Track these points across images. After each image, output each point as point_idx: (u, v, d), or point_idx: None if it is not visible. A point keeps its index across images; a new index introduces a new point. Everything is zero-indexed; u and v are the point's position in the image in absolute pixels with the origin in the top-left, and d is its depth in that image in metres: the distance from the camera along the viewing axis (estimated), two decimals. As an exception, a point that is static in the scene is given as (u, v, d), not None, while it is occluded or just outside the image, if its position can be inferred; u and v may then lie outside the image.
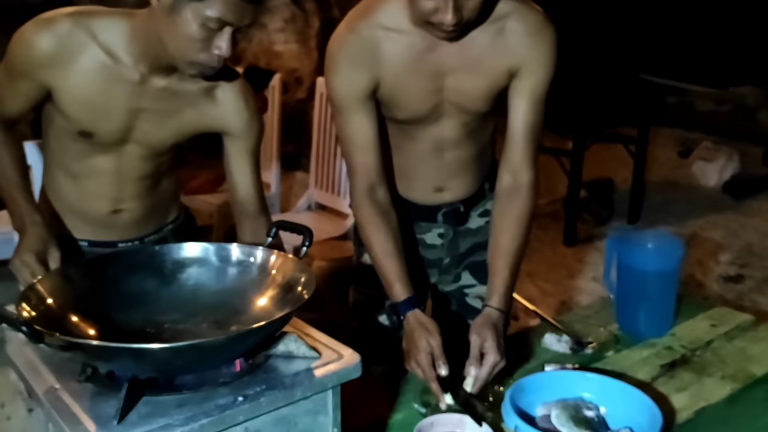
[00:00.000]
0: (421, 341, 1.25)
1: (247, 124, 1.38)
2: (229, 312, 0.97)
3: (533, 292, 3.28)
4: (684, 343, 1.56)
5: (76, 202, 1.39)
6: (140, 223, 1.44)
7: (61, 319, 0.86)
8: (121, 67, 1.23)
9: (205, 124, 1.34)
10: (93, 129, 1.27)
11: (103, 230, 1.41)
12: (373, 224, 1.37)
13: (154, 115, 1.29)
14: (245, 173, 1.43)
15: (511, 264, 1.35)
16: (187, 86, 1.28)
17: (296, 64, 4.68)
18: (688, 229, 4.13)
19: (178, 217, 1.53)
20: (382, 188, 1.39)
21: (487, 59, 1.32)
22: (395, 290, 1.33)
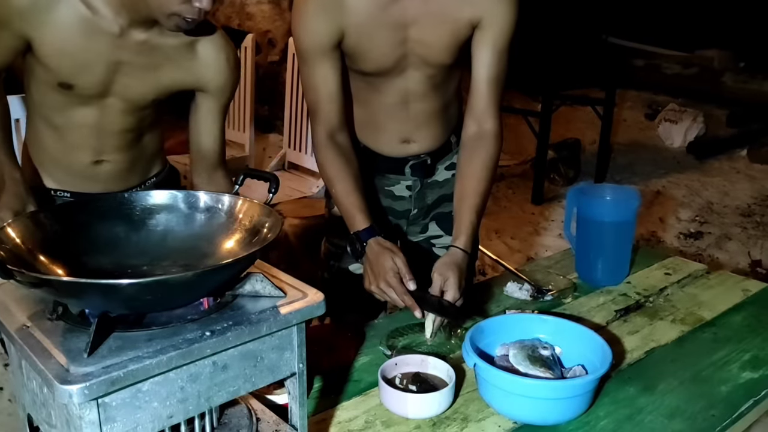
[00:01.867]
0: (387, 261, 1.30)
1: (226, 82, 1.39)
2: (198, 256, 0.99)
3: (501, 248, 3.36)
4: (639, 290, 1.64)
5: (59, 153, 1.39)
6: (123, 175, 1.44)
7: (31, 260, 0.88)
8: (100, 19, 1.23)
9: (184, 80, 1.35)
10: (73, 81, 1.27)
11: (86, 182, 1.41)
12: (333, 164, 1.41)
13: (134, 69, 1.29)
14: (213, 128, 1.44)
15: (476, 207, 1.40)
16: (168, 41, 1.29)
17: (269, 26, 4.63)
18: (651, 188, 4.23)
19: (162, 170, 1.53)
20: (342, 134, 1.43)
21: (450, 10, 1.35)
22: (357, 220, 1.38)
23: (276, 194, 1.08)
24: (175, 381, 0.82)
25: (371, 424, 1.13)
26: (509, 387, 1.12)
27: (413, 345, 1.35)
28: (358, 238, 1.37)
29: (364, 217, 1.38)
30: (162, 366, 0.79)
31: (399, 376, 1.21)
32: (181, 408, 0.84)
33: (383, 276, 1.30)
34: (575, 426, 1.13)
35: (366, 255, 1.36)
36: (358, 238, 1.37)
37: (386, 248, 1.33)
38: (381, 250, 1.33)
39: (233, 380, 0.88)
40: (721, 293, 1.62)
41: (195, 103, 1.43)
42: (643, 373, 1.29)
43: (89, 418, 0.76)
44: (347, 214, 1.40)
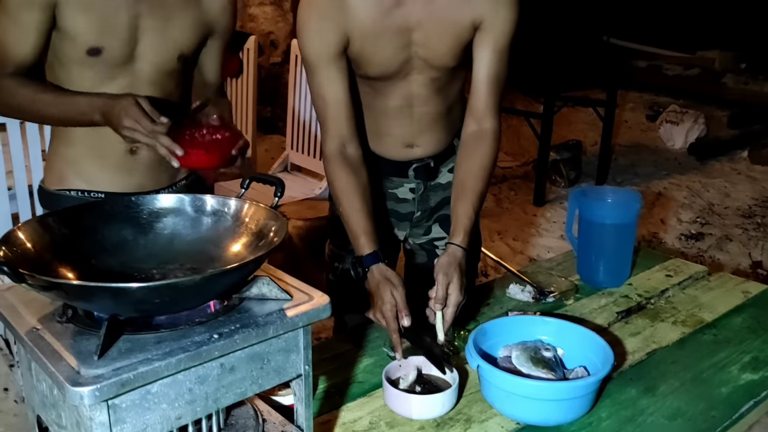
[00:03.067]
0: (385, 293, 1.30)
1: (229, 20, 1.46)
2: (205, 259, 1.01)
3: (503, 249, 3.37)
4: (640, 292, 1.65)
5: (92, 143, 1.39)
6: (156, 168, 1.43)
7: (41, 263, 0.90)
8: None
9: (196, 28, 1.40)
10: (101, 43, 1.29)
11: (121, 176, 1.41)
12: (342, 180, 1.41)
13: (153, 23, 1.33)
14: (217, 64, 1.52)
15: (475, 204, 1.41)
16: None
17: (271, 27, 4.65)
18: (653, 189, 4.24)
19: (190, 174, 1.54)
20: (353, 145, 1.43)
21: (452, 13, 1.36)
22: (360, 243, 1.38)
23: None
24: (184, 383, 0.83)
25: (375, 425, 1.15)
26: (512, 388, 1.13)
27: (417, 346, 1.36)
28: (361, 263, 1.38)
29: (368, 241, 1.37)
30: (171, 368, 0.80)
31: (403, 378, 1.23)
32: (189, 409, 0.85)
33: (380, 307, 1.31)
34: (577, 427, 1.14)
35: (368, 280, 1.36)
36: (360, 262, 1.38)
37: (387, 279, 1.32)
38: (382, 281, 1.32)
39: (240, 382, 0.89)
40: (721, 295, 1.64)
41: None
42: (644, 374, 1.31)
43: (99, 419, 0.77)
44: (352, 235, 1.40)
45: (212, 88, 1.54)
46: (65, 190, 1.42)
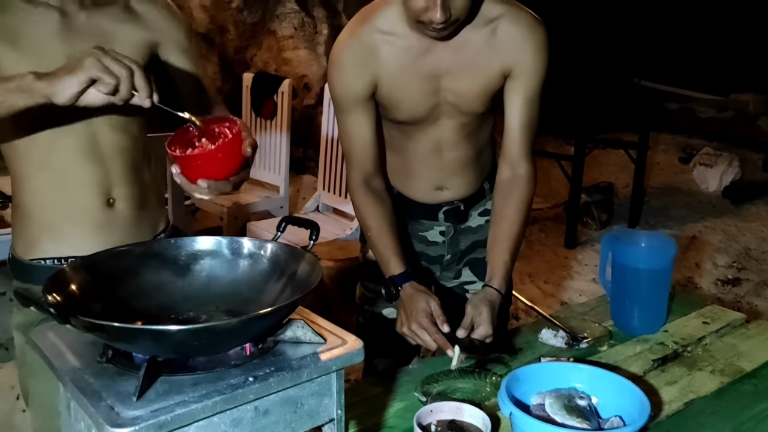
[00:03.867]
0: (421, 303, 1.32)
1: (180, 30, 1.36)
2: (240, 301, 1.02)
3: (534, 292, 3.34)
4: (676, 339, 1.62)
5: (64, 202, 1.26)
6: (134, 222, 1.34)
7: (83, 305, 0.92)
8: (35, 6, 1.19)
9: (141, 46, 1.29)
10: None
11: (99, 236, 1.28)
12: (368, 206, 1.45)
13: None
14: (195, 79, 1.38)
15: (511, 249, 1.42)
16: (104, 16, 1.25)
17: (305, 71, 4.75)
18: (687, 233, 4.18)
19: (167, 227, 1.46)
20: (377, 179, 1.47)
21: (481, 60, 1.39)
22: (392, 264, 1.40)
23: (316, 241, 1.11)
24: (219, 425, 0.84)
25: (407, 471, 1.13)
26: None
27: (448, 391, 1.35)
28: (393, 281, 1.39)
29: (398, 261, 1.40)
30: (207, 411, 0.81)
31: (434, 423, 1.21)
32: (223, 452, 0.85)
33: (416, 317, 1.31)
34: (613, 479, 1.12)
35: (400, 298, 1.37)
36: (393, 281, 1.40)
37: (421, 291, 1.35)
38: (415, 293, 1.35)
39: (274, 425, 0.89)
40: (760, 343, 1.60)
41: (166, 71, 1.37)
42: (682, 425, 1.27)
43: (137, 460, 0.78)
44: (382, 258, 1.42)
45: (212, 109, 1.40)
46: (39, 260, 1.28)
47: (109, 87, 0.93)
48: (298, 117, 4.53)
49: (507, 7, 1.38)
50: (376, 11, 1.39)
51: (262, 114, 3.65)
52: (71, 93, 0.95)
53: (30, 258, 1.28)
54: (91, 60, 0.93)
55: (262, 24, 4.72)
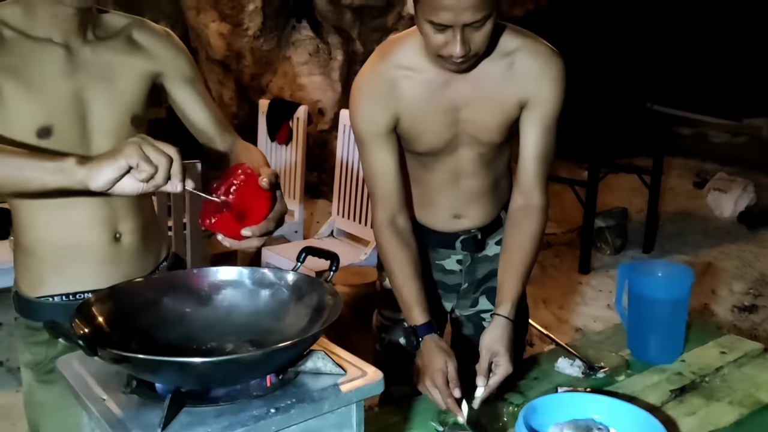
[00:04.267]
0: (439, 362, 1.32)
1: (185, 61, 1.36)
2: (261, 332, 1.04)
3: (548, 318, 3.32)
4: (694, 369, 1.61)
5: (69, 240, 1.25)
6: (140, 254, 1.33)
7: (109, 336, 0.94)
8: (39, 43, 1.19)
9: (144, 77, 1.30)
10: (49, 121, 1.18)
11: (106, 270, 1.28)
12: (394, 250, 1.45)
13: (99, 89, 1.24)
14: (206, 109, 1.38)
15: (521, 277, 1.43)
16: (107, 49, 1.26)
17: (319, 96, 4.80)
18: (702, 259, 4.15)
19: (169, 254, 1.45)
20: (402, 216, 1.47)
21: (499, 92, 1.41)
22: (414, 314, 1.40)
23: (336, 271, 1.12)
24: (241, 457, 0.85)
25: (425, 503, 1.13)
26: (564, 470, 1.11)
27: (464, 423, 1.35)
28: (415, 332, 1.40)
29: (422, 311, 1.40)
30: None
31: (452, 454, 1.21)
32: (245, 484, 0.86)
33: (431, 375, 1.32)
34: None
35: (420, 350, 1.38)
36: (414, 332, 1.40)
37: (441, 349, 1.35)
38: (435, 349, 1.35)
39: (295, 456, 0.90)
40: (779, 374, 1.58)
41: (169, 96, 1.38)
42: (701, 458, 1.27)
43: (161, 491, 0.79)
44: (405, 305, 1.43)
45: (222, 136, 1.40)
46: (46, 297, 1.27)
47: (146, 176, 0.94)
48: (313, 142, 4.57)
49: (524, 39, 1.41)
50: (395, 47, 1.41)
51: (278, 139, 3.69)
52: (108, 179, 0.95)
53: (36, 296, 1.27)
54: (132, 148, 0.94)
55: (277, 50, 4.79)
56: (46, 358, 1.26)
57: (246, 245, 1.06)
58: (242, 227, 1.03)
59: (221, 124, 1.40)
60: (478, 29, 1.25)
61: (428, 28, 1.26)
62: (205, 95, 1.40)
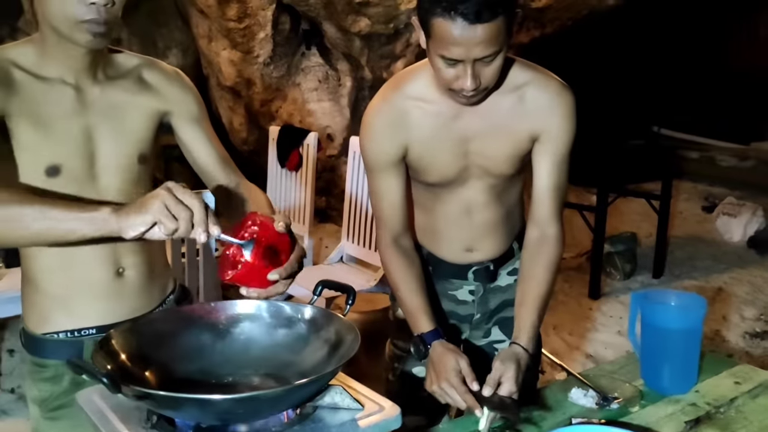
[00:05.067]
0: (450, 361, 1.33)
1: (194, 101, 1.38)
2: (279, 365, 1.05)
3: (559, 344, 3.31)
4: (708, 400, 1.60)
5: (74, 276, 1.26)
6: (144, 288, 1.34)
7: (130, 371, 0.95)
8: (50, 84, 1.21)
9: (152, 116, 1.32)
10: (58, 160, 1.20)
11: (112, 305, 1.29)
12: (398, 265, 1.48)
13: (108, 128, 1.26)
14: (212, 148, 1.39)
15: (538, 308, 1.44)
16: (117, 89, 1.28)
17: (328, 122, 4.84)
18: (712, 284, 4.14)
19: (176, 287, 1.45)
20: (406, 237, 1.51)
21: (509, 125, 1.42)
22: (421, 322, 1.42)
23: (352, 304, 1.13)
24: (261, 494, 0.86)
25: None
26: (581, 504, 1.11)
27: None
28: (422, 340, 1.41)
29: (428, 319, 1.42)
30: (251, 479, 0.82)
31: (468, 488, 1.21)
32: None
33: (445, 376, 1.32)
34: None
35: (430, 356, 1.39)
36: (422, 339, 1.41)
37: (450, 350, 1.36)
38: (444, 351, 1.36)
39: (313, 492, 0.91)
40: (795, 405, 1.57)
41: (176, 135, 1.39)
42: (718, 492, 1.26)
43: None
44: (411, 316, 1.44)
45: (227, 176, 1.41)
46: (52, 334, 1.27)
47: (169, 231, 0.97)
48: (321, 167, 4.60)
49: (534, 73, 1.43)
50: (406, 78, 1.44)
51: (288, 166, 3.72)
52: (138, 232, 0.98)
53: (43, 332, 1.27)
54: (156, 203, 0.96)
55: (287, 77, 4.84)
56: (52, 395, 1.26)
57: (273, 291, 1.06)
58: (267, 272, 1.03)
59: (225, 164, 1.42)
60: (488, 64, 1.28)
61: (440, 63, 1.29)
62: (211, 135, 1.41)
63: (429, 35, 1.28)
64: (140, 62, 1.34)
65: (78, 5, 1.12)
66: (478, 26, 1.20)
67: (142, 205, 0.98)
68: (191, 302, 1.49)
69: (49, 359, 1.26)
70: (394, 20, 4.38)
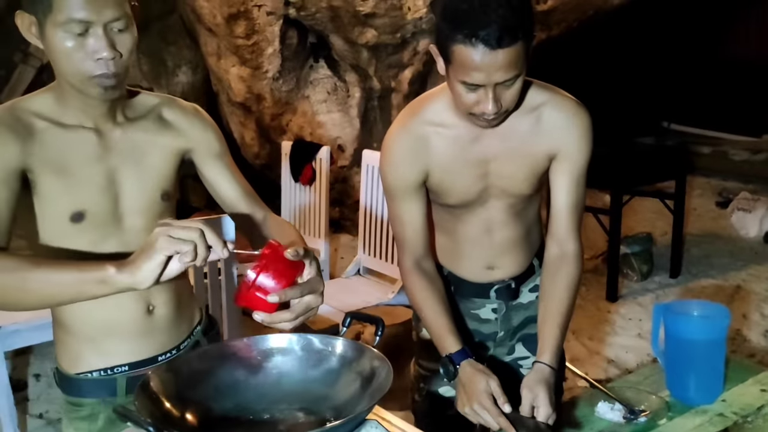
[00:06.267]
0: (481, 383, 1.33)
1: (214, 138, 1.38)
2: (313, 399, 1.06)
3: (579, 350, 3.31)
4: (735, 409, 1.60)
5: (104, 316, 1.26)
6: (173, 322, 1.35)
7: (171, 413, 0.97)
8: (71, 130, 1.21)
9: (174, 154, 1.33)
10: (82, 206, 1.20)
11: (142, 342, 1.31)
12: (421, 289, 1.49)
13: (131, 170, 1.27)
14: (235, 182, 1.40)
15: (561, 325, 1.45)
16: (138, 130, 1.28)
17: (338, 133, 4.86)
18: (731, 282, 4.12)
19: (202, 317, 1.46)
20: (427, 260, 1.52)
21: (527, 145, 1.44)
22: (448, 343, 1.43)
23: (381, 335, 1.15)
24: None
25: None
26: None
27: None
28: (451, 360, 1.42)
29: (455, 340, 1.43)
30: None
31: None
32: None
33: (477, 398, 1.33)
34: None
35: (459, 377, 1.40)
36: (450, 360, 1.42)
37: (480, 371, 1.37)
38: (474, 372, 1.37)
39: None
40: (823, 412, 1.57)
41: (199, 172, 1.40)
42: (751, 505, 1.26)
43: None
44: (438, 338, 1.45)
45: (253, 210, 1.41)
46: (85, 373, 1.29)
47: (190, 256, 0.96)
48: (333, 178, 4.62)
49: (550, 94, 1.44)
50: (424, 104, 1.46)
51: (301, 180, 3.74)
52: (153, 277, 0.98)
53: (76, 372, 1.29)
54: (162, 240, 0.96)
55: (296, 91, 4.87)
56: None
57: (278, 319, 1.04)
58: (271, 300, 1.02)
59: (251, 198, 1.42)
60: (509, 87, 1.29)
61: (460, 88, 1.30)
62: (234, 169, 1.42)
63: (449, 61, 1.29)
64: (159, 101, 1.35)
65: (86, 62, 1.13)
66: (499, 51, 1.22)
67: (146, 249, 0.97)
68: (218, 331, 1.51)
69: (84, 398, 1.28)
70: (401, 30, 4.40)
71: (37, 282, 1.05)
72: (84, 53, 1.12)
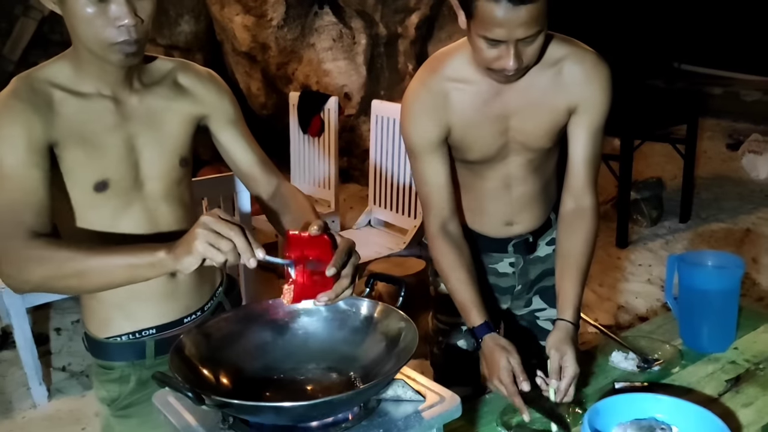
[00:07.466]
0: (501, 360, 1.36)
1: (230, 104, 1.38)
2: (339, 358, 1.09)
3: (590, 296, 3.35)
4: (747, 357, 1.64)
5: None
6: (196, 285, 1.37)
7: (205, 375, 1.00)
8: (89, 99, 1.21)
9: (190, 120, 1.33)
10: (105, 175, 1.21)
11: (167, 305, 1.33)
12: (447, 257, 1.49)
13: (150, 137, 1.27)
14: (249, 147, 1.41)
15: (579, 281, 1.47)
16: (154, 96, 1.28)
17: (345, 81, 4.81)
18: (740, 225, 4.13)
19: (223, 278, 1.48)
20: (453, 223, 1.51)
21: (548, 99, 1.43)
22: (472, 316, 1.45)
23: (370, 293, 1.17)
24: (336, 489, 0.91)
25: None
26: (633, 473, 1.16)
27: (528, 423, 1.40)
28: (474, 334, 1.45)
29: (479, 313, 1.44)
30: (328, 477, 0.88)
31: (521, 459, 1.27)
32: None
33: (497, 374, 1.36)
34: None
35: (482, 350, 1.43)
36: (473, 334, 1.45)
37: (501, 346, 1.39)
38: (495, 348, 1.38)
39: (383, 482, 0.96)
40: (834, 358, 1.60)
41: (213, 138, 1.40)
42: (763, 451, 1.30)
43: None
44: (462, 308, 1.47)
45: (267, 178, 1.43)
46: (114, 337, 1.32)
47: (220, 263, 1.01)
48: (341, 127, 4.60)
49: (571, 47, 1.43)
50: (444, 60, 1.44)
51: (310, 132, 3.73)
52: (194, 267, 1.03)
53: (105, 337, 1.32)
54: (200, 241, 1.00)
55: (301, 39, 4.80)
56: (120, 395, 1.32)
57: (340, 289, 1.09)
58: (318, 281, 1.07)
59: (265, 165, 1.43)
60: (530, 43, 1.28)
61: (482, 43, 1.29)
62: (248, 136, 1.42)
63: (471, 16, 1.27)
64: (174, 66, 1.34)
65: (108, 28, 1.12)
66: (522, 8, 1.21)
67: (188, 245, 1.02)
68: (238, 292, 1.54)
69: (114, 362, 1.31)
70: (408, -26, 4.31)
71: (93, 270, 1.09)
72: (105, 19, 1.11)
